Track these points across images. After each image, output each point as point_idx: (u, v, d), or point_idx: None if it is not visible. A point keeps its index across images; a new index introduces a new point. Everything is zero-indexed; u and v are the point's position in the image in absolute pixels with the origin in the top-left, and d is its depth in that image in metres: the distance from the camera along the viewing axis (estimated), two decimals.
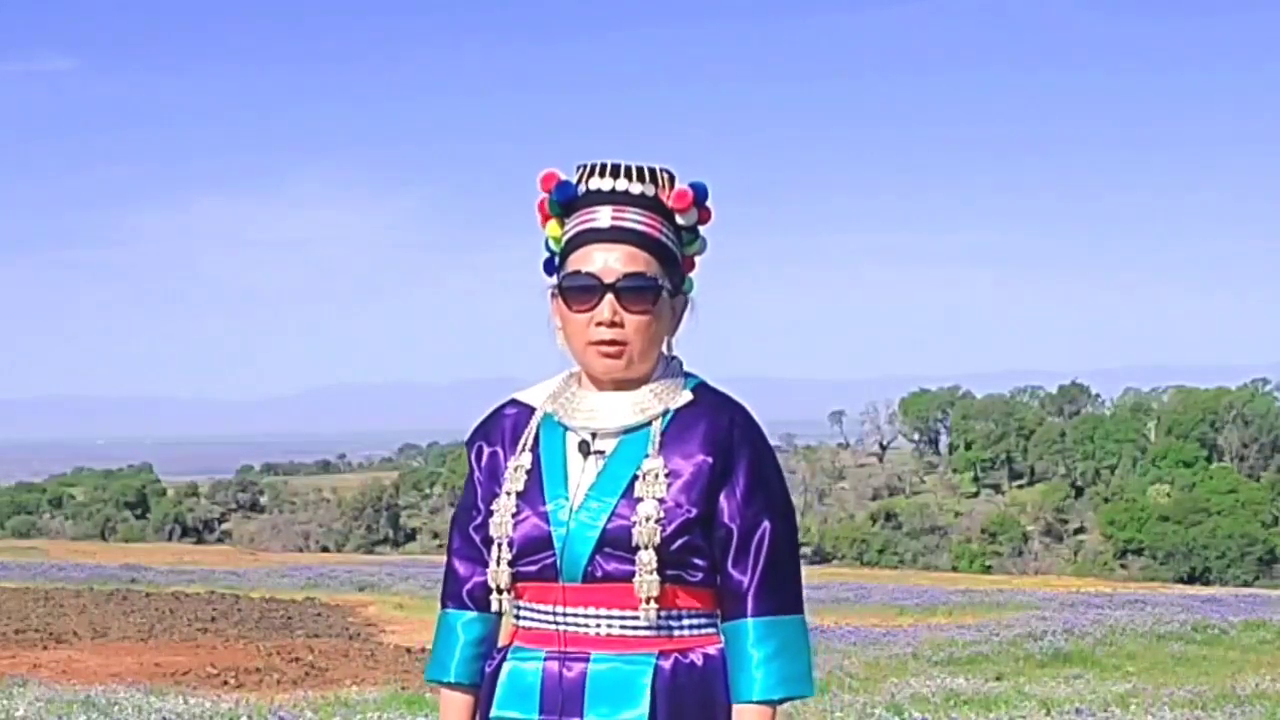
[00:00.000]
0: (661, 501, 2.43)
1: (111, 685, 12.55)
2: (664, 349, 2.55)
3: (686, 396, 2.53)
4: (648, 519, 2.42)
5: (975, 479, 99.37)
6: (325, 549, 79.35)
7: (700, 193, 2.55)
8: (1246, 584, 60.56)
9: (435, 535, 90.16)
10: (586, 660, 2.46)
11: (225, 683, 14.37)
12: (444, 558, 2.70)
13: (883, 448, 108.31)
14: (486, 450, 2.59)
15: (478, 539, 2.57)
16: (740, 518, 2.47)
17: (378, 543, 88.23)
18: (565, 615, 2.47)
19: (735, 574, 2.47)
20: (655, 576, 2.41)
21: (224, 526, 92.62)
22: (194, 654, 17.06)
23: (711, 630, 2.50)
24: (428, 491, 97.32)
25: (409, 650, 17.96)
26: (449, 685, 2.60)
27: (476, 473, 2.60)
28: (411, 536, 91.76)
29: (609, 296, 2.46)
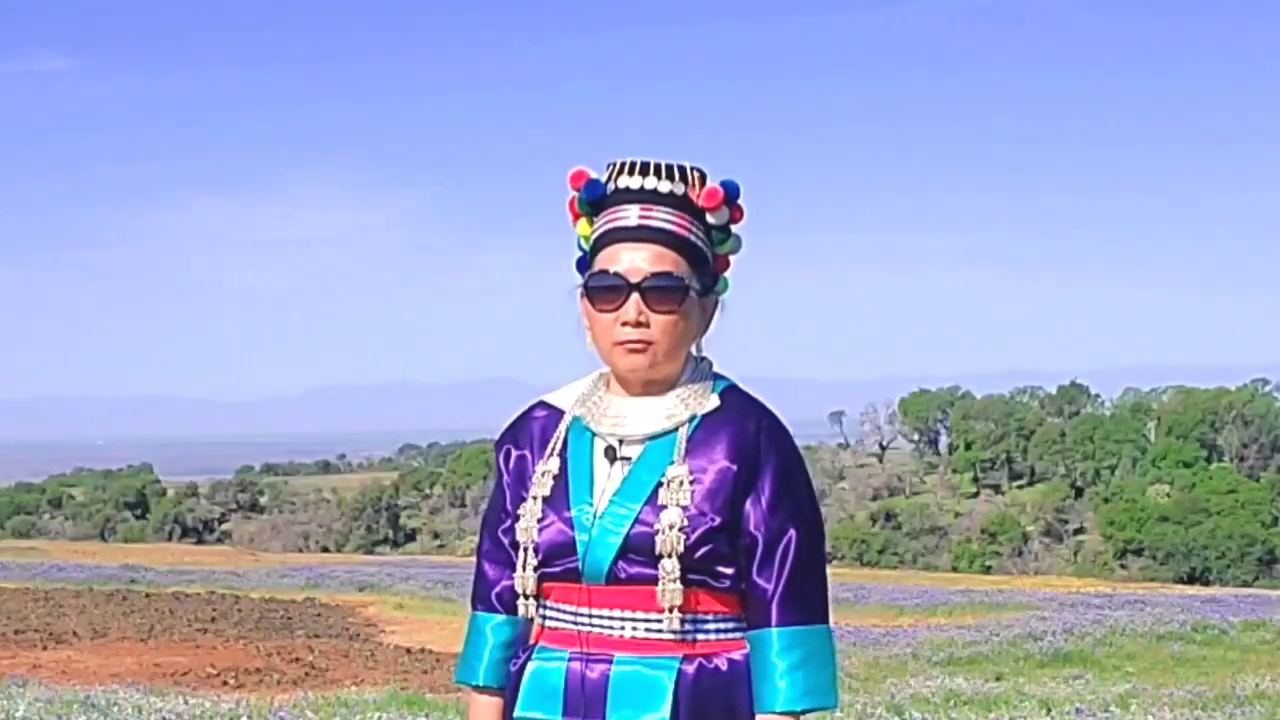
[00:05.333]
0: (685, 509, 2.40)
1: (111, 685, 12.53)
2: (693, 350, 2.52)
3: (714, 402, 2.49)
4: (671, 527, 2.39)
5: (975, 479, 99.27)
6: (325, 549, 79.28)
7: (731, 191, 2.51)
8: (1246, 584, 60.53)
9: (435, 535, 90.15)
10: (609, 662, 2.43)
11: (225, 683, 14.36)
12: (444, 558, 2.70)
13: (883, 448, 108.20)
14: (515, 454, 2.57)
15: (506, 542, 2.55)
16: (765, 526, 2.44)
17: (378, 543, 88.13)
18: (589, 616, 2.45)
19: (760, 583, 2.44)
20: (678, 585, 2.39)
21: (224, 527, 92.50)
22: (194, 654, 17.04)
23: (738, 635, 2.47)
24: (428, 492, 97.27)
25: (409, 650, 17.95)
26: (477, 688, 2.58)
27: (505, 476, 2.57)
28: (411, 537, 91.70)
29: (635, 296, 2.43)
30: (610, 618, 2.43)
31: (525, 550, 2.47)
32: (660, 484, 2.42)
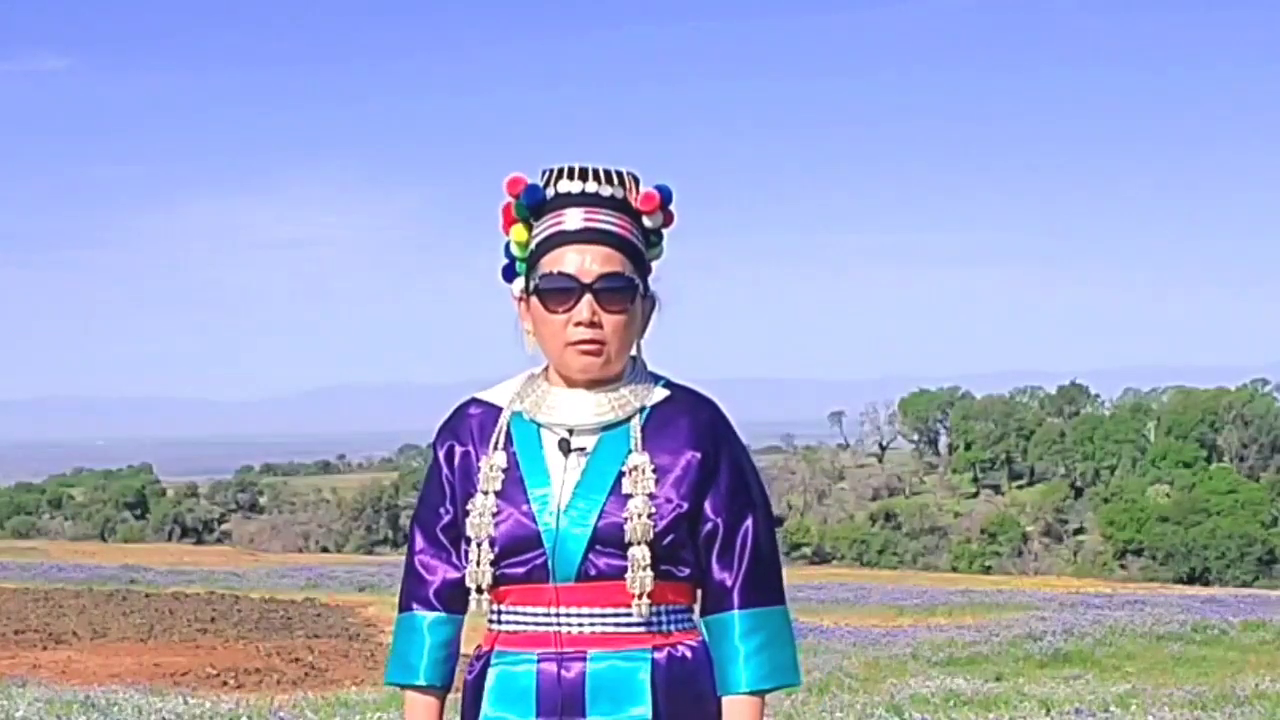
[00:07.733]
0: (652, 497, 2.44)
1: (111, 686, 12.55)
2: (633, 350, 2.56)
3: (662, 393, 2.54)
4: (639, 515, 2.43)
5: (975, 479, 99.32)
6: (325, 549, 79.37)
7: (666, 195, 2.55)
8: (1246, 584, 60.54)
9: None
10: (584, 660, 2.45)
11: (225, 683, 14.36)
12: None
13: (882, 448, 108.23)
14: (459, 450, 2.57)
15: (446, 539, 2.56)
16: (725, 512, 2.50)
17: (377, 543, 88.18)
18: (560, 616, 2.46)
19: (721, 567, 2.50)
20: (649, 572, 2.42)
21: (224, 527, 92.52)
22: (194, 654, 17.04)
23: (691, 624, 2.53)
24: None
25: None
26: (417, 688, 2.59)
27: (446, 472, 2.57)
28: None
29: (587, 297, 2.46)
30: (580, 615, 2.45)
31: (479, 545, 2.48)
32: (622, 473, 2.46)
